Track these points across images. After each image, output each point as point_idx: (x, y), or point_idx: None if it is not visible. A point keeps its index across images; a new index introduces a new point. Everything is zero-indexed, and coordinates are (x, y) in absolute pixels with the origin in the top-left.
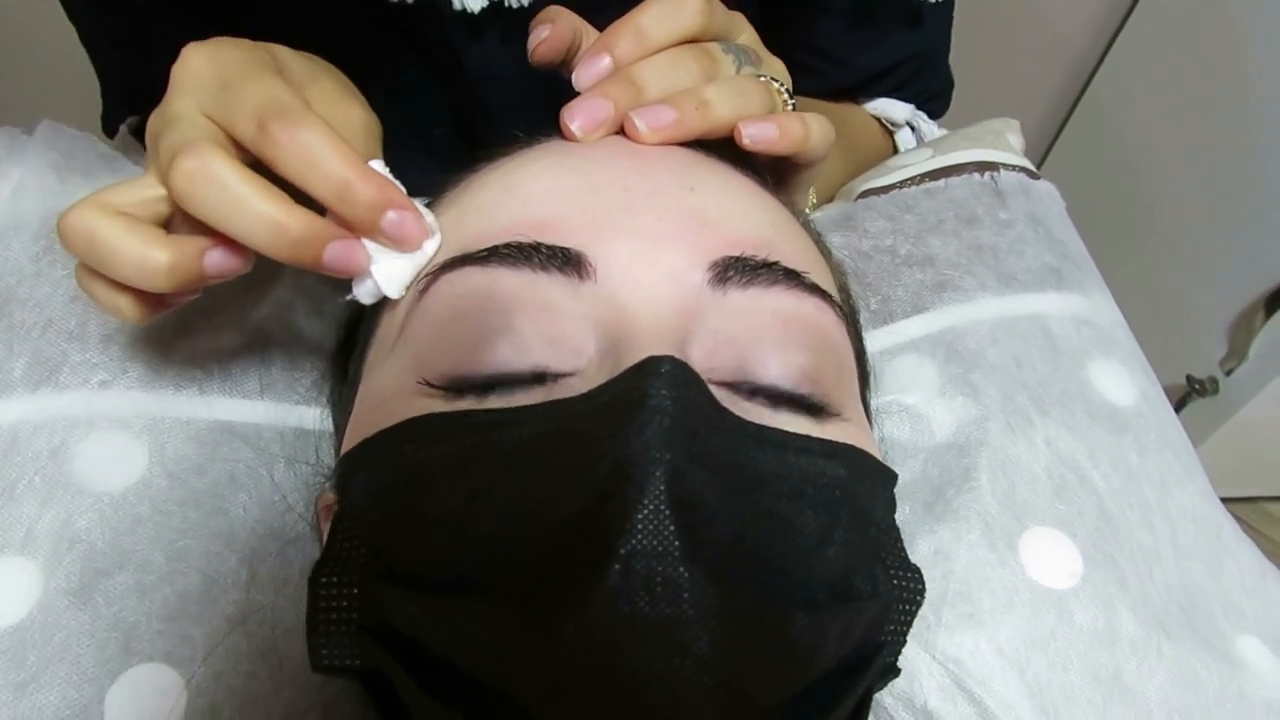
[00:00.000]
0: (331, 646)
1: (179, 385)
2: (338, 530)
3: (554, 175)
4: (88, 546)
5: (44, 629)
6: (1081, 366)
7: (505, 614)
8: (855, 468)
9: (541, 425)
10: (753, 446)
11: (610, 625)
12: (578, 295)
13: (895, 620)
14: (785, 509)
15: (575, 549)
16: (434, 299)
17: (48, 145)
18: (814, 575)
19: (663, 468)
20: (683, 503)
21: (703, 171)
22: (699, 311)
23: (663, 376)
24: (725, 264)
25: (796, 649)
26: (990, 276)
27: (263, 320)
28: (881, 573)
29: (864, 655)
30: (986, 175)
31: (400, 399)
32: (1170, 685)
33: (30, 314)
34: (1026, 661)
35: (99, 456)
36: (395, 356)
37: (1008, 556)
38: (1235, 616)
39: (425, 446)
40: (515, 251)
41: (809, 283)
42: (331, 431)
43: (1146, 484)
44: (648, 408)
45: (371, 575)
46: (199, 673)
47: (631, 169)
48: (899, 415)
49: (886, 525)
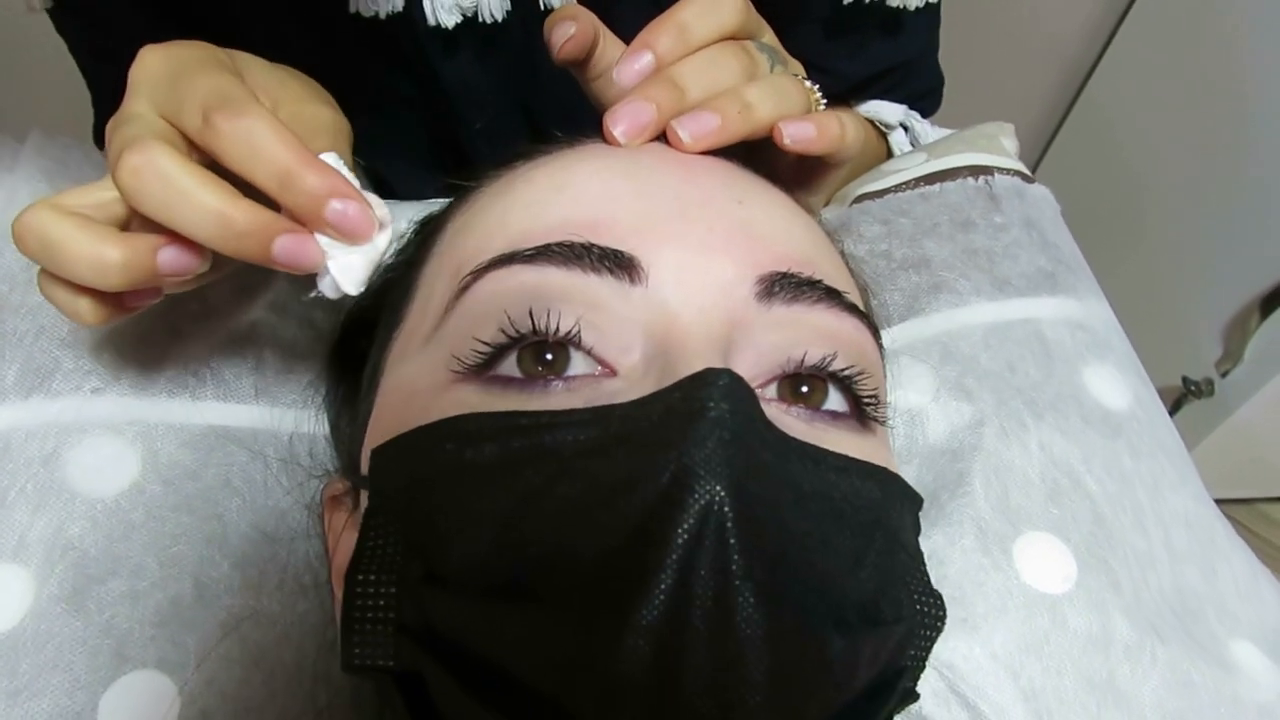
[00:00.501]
0: (366, 646)
1: (172, 391)
2: (370, 527)
3: (605, 178)
4: (80, 553)
5: (36, 636)
6: (1075, 371)
7: (561, 622)
8: (888, 490)
9: (594, 430)
10: (796, 462)
11: (664, 639)
12: (627, 298)
13: (917, 645)
14: (826, 528)
15: (634, 560)
16: (477, 296)
17: (39, 153)
18: (848, 596)
19: (723, 482)
20: (741, 518)
21: (749, 184)
22: (745, 324)
23: (720, 389)
24: (772, 279)
25: (834, 670)
26: (985, 280)
27: (256, 323)
28: (906, 597)
29: (888, 680)
30: (981, 179)
31: (431, 392)
32: (1164, 690)
33: (22, 321)
34: (1020, 666)
35: (92, 463)
36: (430, 351)
37: (1001, 561)
38: (1229, 620)
39: (470, 446)
40: (567, 250)
41: (848, 302)
42: (327, 434)
43: (1140, 488)
44: (708, 420)
45: (410, 575)
46: (192, 679)
47: (683, 178)
48: (893, 419)
49: (913, 549)
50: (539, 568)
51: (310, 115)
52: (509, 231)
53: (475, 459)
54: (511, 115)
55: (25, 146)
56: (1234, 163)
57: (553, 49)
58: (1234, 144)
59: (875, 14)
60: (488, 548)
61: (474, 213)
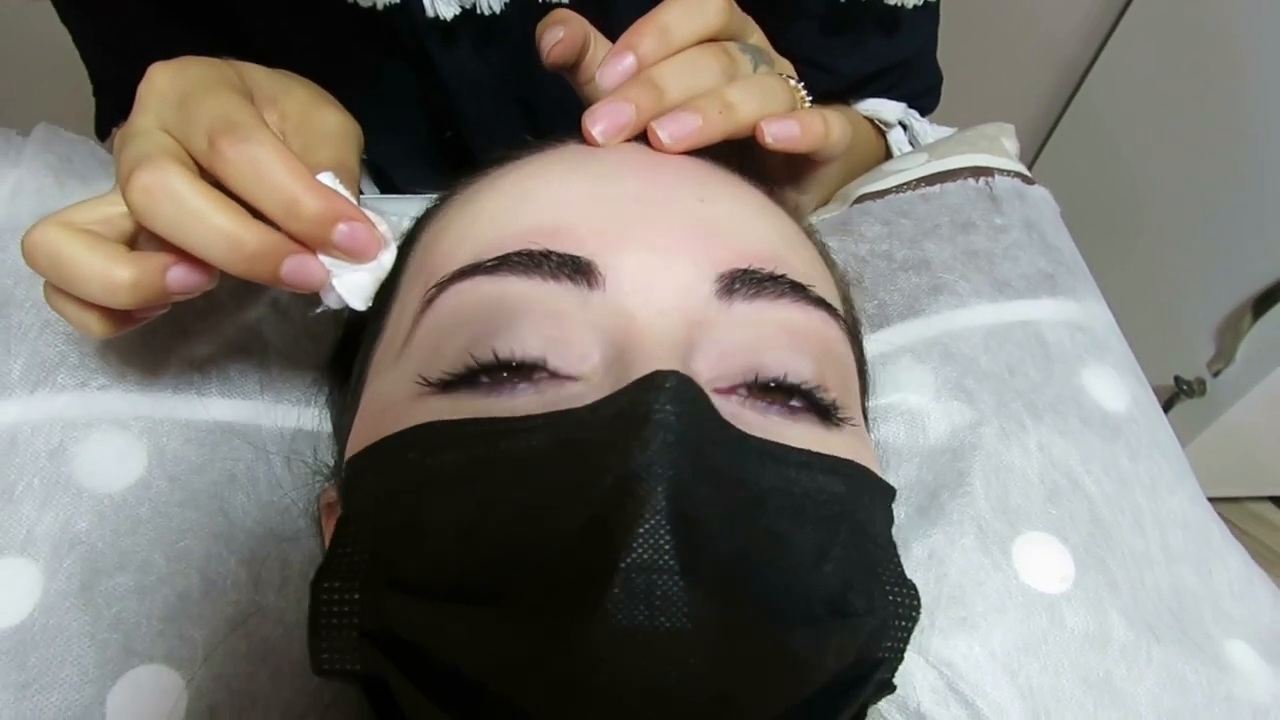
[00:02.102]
0: (332, 650)
1: (177, 387)
2: (341, 535)
3: (568, 183)
4: (88, 548)
5: (45, 630)
6: (1074, 372)
7: (510, 623)
8: (855, 483)
9: (548, 436)
10: (755, 461)
11: (610, 637)
12: (586, 304)
13: (891, 637)
14: (785, 525)
15: (580, 561)
16: (441, 309)
17: (44, 148)
18: (811, 591)
19: (665, 483)
20: (684, 518)
21: (714, 182)
22: (705, 323)
23: (667, 391)
24: (733, 276)
25: (793, 664)
26: (984, 282)
27: (260, 321)
28: (878, 589)
29: (861, 672)
30: (981, 181)
31: (403, 405)
32: (1159, 689)
33: (28, 315)
34: (1019, 665)
35: (98, 458)
36: (401, 364)
37: (1001, 561)
38: (1224, 620)
39: (431, 454)
40: (526, 259)
41: (815, 296)
42: (330, 431)
43: (1138, 489)
44: (652, 423)
45: (375, 581)
46: (199, 674)
47: (645, 178)
48: (894, 419)
49: (884, 541)
50: (491, 573)
51: (318, 121)
52: (474, 242)
53: (436, 467)
54: (510, 108)
55: (30, 140)
56: (1227, 164)
57: (543, 53)
58: (1228, 146)
59: (873, 11)
60: (445, 554)
61: (445, 222)
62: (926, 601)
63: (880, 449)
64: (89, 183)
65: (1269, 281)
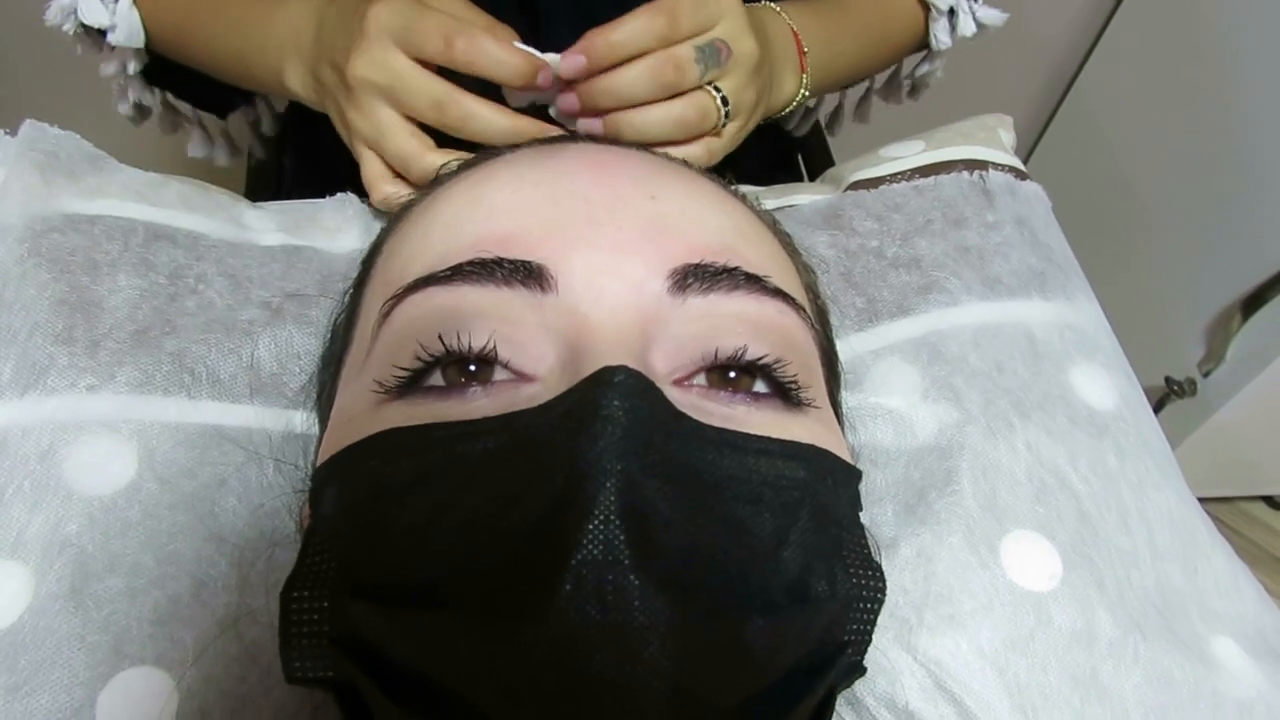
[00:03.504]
0: (304, 659)
1: (168, 390)
2: (309, 545)
3: (516, 188)
4: (78, 550)
5: (35, 633)
6: (1063, 371)
7: (466, 624)
8: (816, 467)
9: (499, 438)
10: (711, 451)
11: (564, 633)
12: (540, 307)
13: (857, 619)
14: (741, 513)
15: (531, 560)
16: (397, 321)
17: (31, 145)
18: (770, 578)
19: (613, 479)
20: (633, 513)
21: (664, 178)
22: (660, 319)
23: (616, 387)
24: (685, 271)
25: (751, 652)
26: (975, 279)
27: (251, 322)
28: (841, 572)
29: (826, 655)
30: (976, 174)
31: (363, 415)
32: (1146, 685)
33: (16, 317)
34: (1006, 662)
35: (89, 460)
36: (362, 376)
37: (989, 559)
38: (1209, 617)
39: (389, 461)
40: (478, 268)
41: (770, 287)
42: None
43: (1125, 487)
44: (599, 419)
45: (341, 589)
46: (189, 675)
47: (592, 180)
48: (882, 418)
49: (849, 523)
50: (447, 577)
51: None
52: (427, 254)
53: (393, 474)
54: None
55: (17, 138)
56: (1217, 166)
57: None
58: (1218, 146)
59: None
60: (403, 558)
61: (402, 234)
62: (914, 600)
63: (868, 449)
64: (76, 179)
65: (1258, 282)
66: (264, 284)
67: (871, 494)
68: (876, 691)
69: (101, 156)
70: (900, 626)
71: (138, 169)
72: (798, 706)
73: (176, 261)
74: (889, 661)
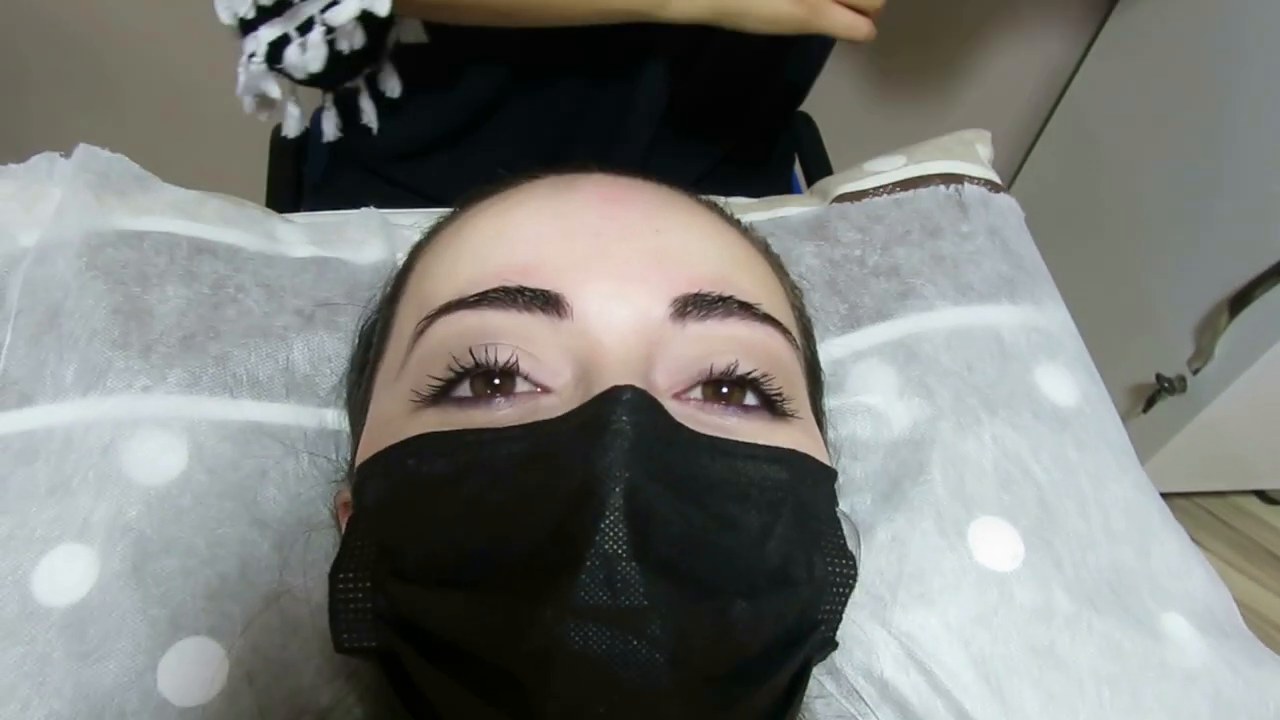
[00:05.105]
0: (351, 631)
1: (213, 390)
2: (353, 532)
3: (536, 222)
4: (138, 534)
5: (103, 606)
6: (1029, 370)
7: (496, 605)
8: (797, 470)
9: (524, 444)
10: (705, 457)
11: (580, 614)
12: (557, 330)
13: (830, 600)
14: (732, 510)
15: (552, 553)
16: (431, 339)
17: (84, 167)
18: (755, 566)
19: (621, 484)
20: (638, 513)
21: (669, 212)
22: (662, 341)
23: (624, 404)
24: (685, 300)
25: (738, 628)
26: (949, 285)
27: (285, 329)
28: (819, 560)
29: (801, 631)
30: (952, 188)
31: (400, 420)
32: (1099, 656)
33: (77, 325)
34: (971, 636)
35: (145, 454)
36: (400, 384)
37: (957, 542)
38: (1160, 595)
39: (426, 462)
40: (503, 294)
41: (761, 313)
42: (348, 431)
43: (1084, 477)
44: (610, 432)
45: (382, 572)
46: (238, 644)
47: (603, 214)
48: (862, 415)
49: (827, 517)
50: (477, 562)
51: None
52: (458, 279)
53: (429, 473)
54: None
55: (71, 161)
56: (1205, 168)
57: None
58: (1207, 150)
59: None
60: (437, 547)
61: (434, 255)
62: (889, 579)
63: (848, 443)
64: (126, 197)
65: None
66: (297, 293)
67: (851, 484)
68: (854, 662)
69: (147, 176)
70: (876, 603)
71: (179, 187)
72: (777, 675)
73: (218, 273)
74: (865, 635)
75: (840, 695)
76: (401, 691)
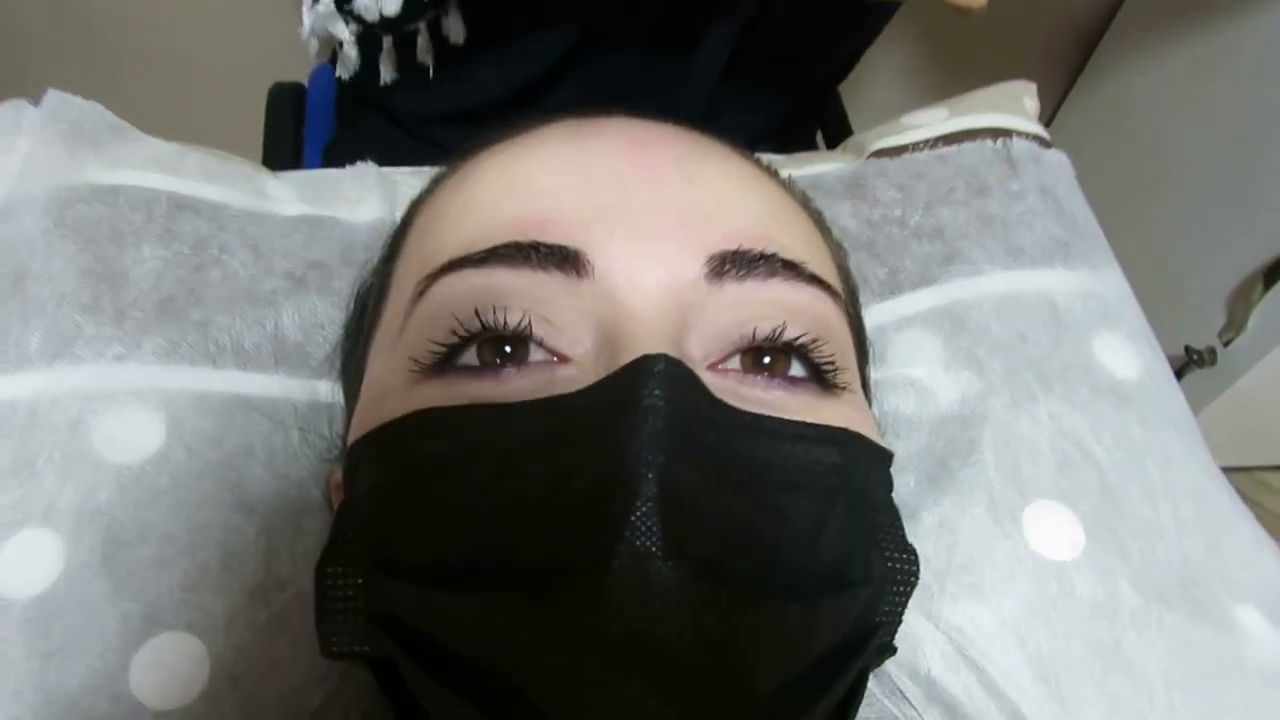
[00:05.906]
0: (340, 634)
1: (193, 359)
2: (344, 521)
3: (552, 169)
4: (109, 519)
5: (69, 599)
6: (1086, 340)
7: (509, 609)
8: (852, 452)
9: (541, 423)
10: (748, 438)
11: (606, 622)
12: (576, 292)
13: (890, 601)
14: (780, 500)
15: (574, 549)
16: (433, 300)
17: (54, 116)
18: (807, 565)
19: (655, 470)
20: (673, 503)
21: (702, 158)
22: (696, 305)
23: (656, 376)
24: (722, 258)
25: (787, 638)
26: (999, 249)
27: (274, 293)
28: (876, 556)
29: (859, 638)
30: (999, 142)
31: (398, 392)
32: (1168, 656)
33: (44, 288)
34: (1028, 632)
35: (117, 429)
36: (398, 351)
37: (1011, 529)
38: (1233, 588)
39: (428, 441)
40: (514, 251)
41: (807, 273)
42: (343, 404)
43: (1149, 459)
44: (641, 409)
45: (376, 566)
46: (220, 641)
47: (631, 161)
48: (904, 388)
49: (883, 506)
50: (487, 558)
51: None
52: (463, 235)
53: (431, 454)
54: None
55: (40, 109)
56: (1240, 133)
57: None
58: (1241, 115)
59: None
60: (439, 541)
61: (435, 211)
62: (937, 569)
63: (890, 418)
64: (100, 149)
65: None
66: (286, 254)
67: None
68: (899, 660)
69: (124, 127)
70: (922, 594)
71: (159, 139)
72: (831, 687)
73: (200, 232)
74: (910, 630)
75: (882, 695)
76: (396, 702)
